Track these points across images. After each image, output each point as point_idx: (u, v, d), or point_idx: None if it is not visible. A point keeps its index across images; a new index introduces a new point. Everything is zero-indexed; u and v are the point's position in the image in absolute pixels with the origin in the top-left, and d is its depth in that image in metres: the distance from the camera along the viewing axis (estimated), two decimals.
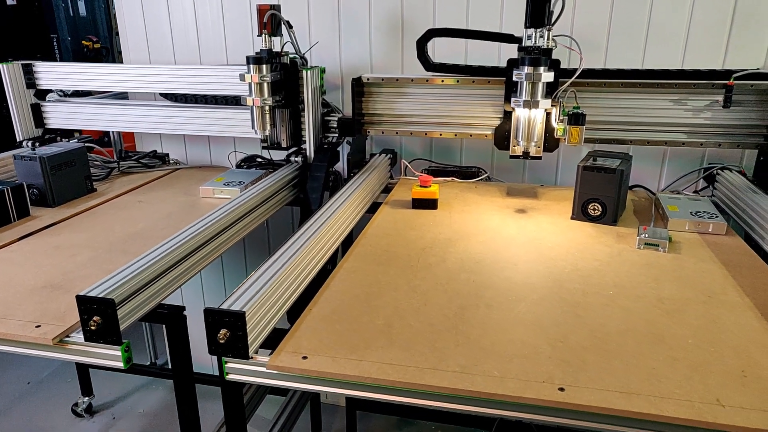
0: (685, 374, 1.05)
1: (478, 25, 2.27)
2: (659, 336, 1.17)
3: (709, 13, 2.08)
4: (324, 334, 1.18)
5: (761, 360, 1.09)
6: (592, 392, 1.00)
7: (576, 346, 1.14)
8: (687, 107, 1.94)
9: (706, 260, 1.54)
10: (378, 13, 2.38)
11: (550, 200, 2.05)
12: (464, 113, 2.14)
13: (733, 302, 1.31)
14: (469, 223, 1.83)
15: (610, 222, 1.80)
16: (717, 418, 0.93)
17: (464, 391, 1.02)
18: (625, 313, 1.27)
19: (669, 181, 2.28)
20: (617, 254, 1.59)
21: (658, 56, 2.17)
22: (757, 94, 1.88)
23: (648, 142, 2.00)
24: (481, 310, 1.28)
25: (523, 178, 2.47)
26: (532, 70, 1.73)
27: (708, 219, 1.73)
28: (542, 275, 1.46)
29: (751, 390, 1.00)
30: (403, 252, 1.60)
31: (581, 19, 2.20)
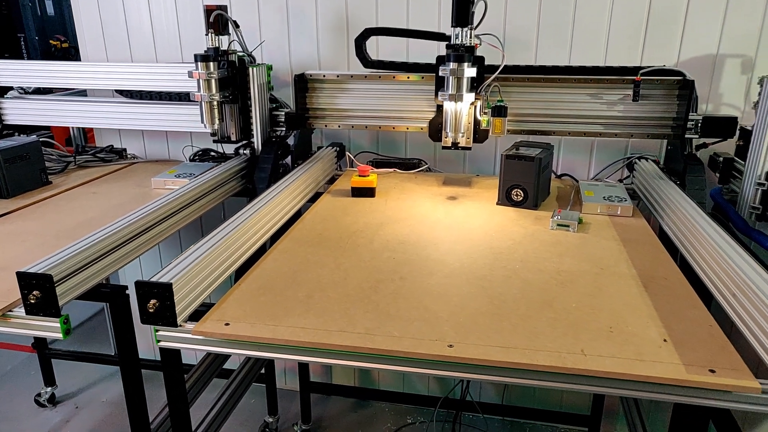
0: (561, 332, 1.19)
1: (417, 24, 2.41)
2: (548, 302, 1.32)
3: (627, 14, 2.24)
4: (248, 305, 1.31)
5: (629, 319, 1.24)
6: (477, 348, 1.14)
7: (473, 312, 1.28)
8: (602, 101, 2.10)
9: (609, 238, 1.69)
10: (324, 13, 2.50)
11: (482, 188, 2.19)
12: (402, 107, 2.27)
13: (621, 273, 1.46)
14: (402, 209, 1.96)
15: (532, 206, 1.95)
16: (576, 364, 1.08)
17: (365, 349, 1.15)
18: (524, 284, 1.41)
19: (597, 170, 2.44)
20: (531, 234, 1.73)
21: (582, 54, 2.33)
22: (663, 88, 2.05)
23: (569, 133, 2.16)
24: (395, 283, 1.41)
25: (464, 168, 2.61)
26: (456, 66, 1.87)
27: (617, 203, 1.89)
28: (458, 253, 1.59)
29: (612, 342, 1.15)
30: (335, 235, 1.73)
31: (513, 20, 2.35)
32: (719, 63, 2.21)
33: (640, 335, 1.18)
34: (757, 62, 2.18)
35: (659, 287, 1.38)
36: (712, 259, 1.39)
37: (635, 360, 1.09)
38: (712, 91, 2.25)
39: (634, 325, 1.22)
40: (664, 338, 1.16)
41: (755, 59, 2.18)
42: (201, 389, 1.97)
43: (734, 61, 2.20)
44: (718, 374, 1.04)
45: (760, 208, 1.86)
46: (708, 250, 1.42)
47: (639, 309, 1.28)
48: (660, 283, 1.41)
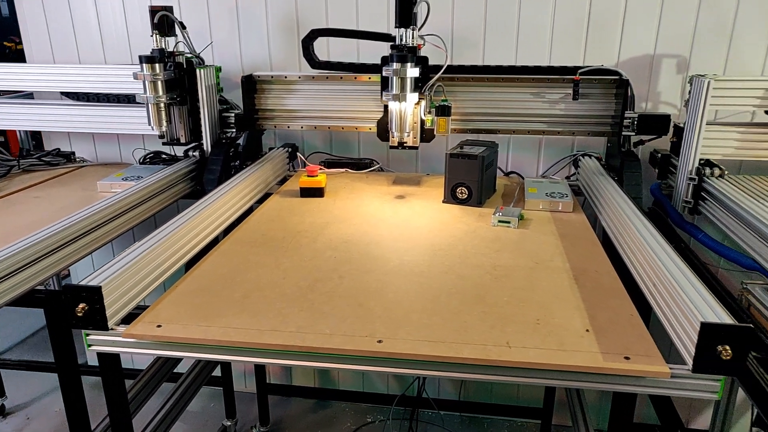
0: (490, 325, 1.22)
1: (368, 25, 2.43)
2: (481, 296, 1.35)
3: (569, 16, 2.30)
4: (183, 307, 1.30)
5: (556, 311, 1.27)
6: (406, 342, 1.16)
7: (406, 308, 1.30)
8: (545, 100, 2.15)
9: (548, 234, 1.74)
10: (274, 14, 2.50)
11: (430, 187, 2.22)
12: (351, 108, 2.29)
13: (555, 267, 1.50)
14: (350, 209, 1.98)
15: (476, 204, 1.98)
16: (501, 356, 1.11)
17: (295, 347, 1.16)
18: (460, 280, 1.44)
19: (545, 168, 2.50)
20: (472, 231, 1.77)
21: (528, 54, 2.38)
22: (601, 87, 2.11)
23: (513, 131, 2.21)
24: (333, 282, 1.43)
25: (416, 168, 2.64)
26: (399, 66, 1.90)
27: (559, 199, 1.93)
28: (399, 251, 1.62)
29: (538, 334, 1.18)
30: (279, 235, 1.74)
31: (460, 20, 2.39)
32: (656, 63, 2.29)
33: (564, 326, 1.21)
34: (692, 62, 2.26)
35: (589, 280, 1.43)
36: (638, 252, 1.44)
37: (557, 350, 1.12)
38: (651, 90, 2.33)
39: (561, 316, 1.25)
40: (586, 328, 1.20)
41: (689, 59, 2.26)
42: (150, 394, 1.96)
43: (670, 61, 2.27)
44: (632, 361, 1.08)
45: (691, 201, 1.93)
46: (636, 243, 1.47)
47: (567, 301, 1.32)
48: (590, 275, 1.45)
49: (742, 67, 2.24)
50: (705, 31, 2.22)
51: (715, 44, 2.23)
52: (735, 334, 1.02)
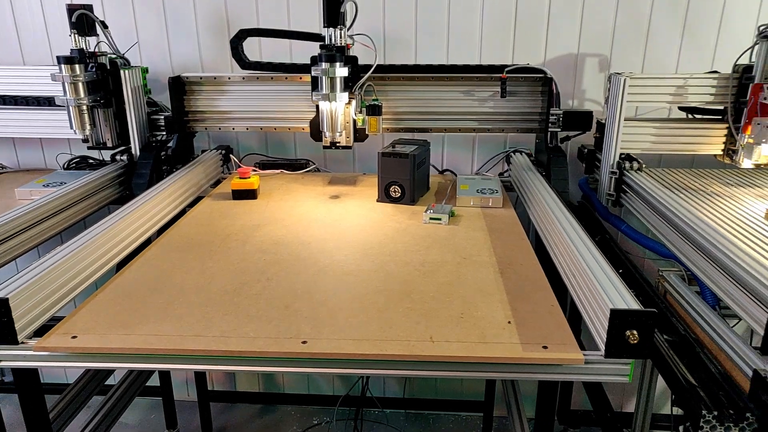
0: (415, 321, 1.23)
1: (300, 25, 2.41)
2: (407, 293, 1.36)
3: (497, 15, 2.35)
4: (102, 315, 1.26)
5: (480, 305, 1.30)
6: (330, 342, 1.16)
7: (333, 307, 1.30)
8: (474, 98, 2.19)
9: (477, 229, 1.77)
10: (203, 13, 2.46)
11: (366, 186, 2.23)
12: (284, 108, 2.27)
13: (481, 262, 1.53)
14: (283, 210, 1.96)
15: (409, 202, 2.00)
16: (424, 351, 1.12)
17: (219, 352, 1.14)
18: (388, 276, 1.45)
19: (479, 165, 2.54)
20: (404, 229, 1.78)
21: (459, 53, 2.42)
22: (528, 85, 2.17)
23: (445, 129, 2.24)
24: (261, 284, 1.41)
25: (353, 167, 2.64)
26: (328, 66, 1.89)
27: (489, 195, 1.98)
28: (330, 251, 1.61)
29: (461, 328, 1.20)
30: (208, 239, 1.70)
31: (392, 20, 2.40)
32: (580, 62, 2.37)
33: (487, 319, 1.24)
34: (612, 60, 2.35)
35: (514, 273, 1.46)
36: (561, 244, 1.48)
37: (479, 343, 1.15)
38: (577, 88, 2.41)
39: (484, 309, 1.28)
40: (508, 320, 1.23)
41: (610, 58, 2.35)
42: (78, 409, 1.88)
43: (593, 59, 2.36)
44: (549, 350, 1.12)
45: (614, 194, 2.01)
46: (558, 235, 1.51)
47: (491, 294, 1.35)
48: (516, 268, 1.49)
49: (659, 65, 2.34)
50: (623, 30, 2.32)
51: (633, 43, 2.33)
52: (641, 319, 1.07)
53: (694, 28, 2.29)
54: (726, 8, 2.26)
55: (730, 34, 2.27)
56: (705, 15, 2.28)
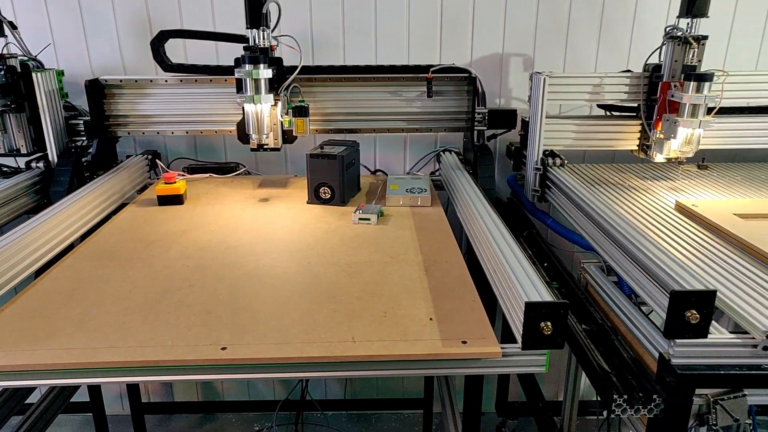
0: (338, 322, 1.23)
1: (225, 26, 2.36)
2: (333, 294, 1.36)
3: (422, 16, 2.38)
4: (8, 331, 1.20)
5: (404, 303, 1.31)
6: (251, 347, 1.14)
7: (256, 311, 1.28)
8: (402, 98, 2.21)
9: (405, 228, 1.79)
10: (123, 14, 2.37)
11: (297, 188, 2.21)
12: (210, 111, 2.23)
13: (408, 260, 1.55)
14: (210, 215, 1.92)
15: (340, 203, 2.00)
16: (345, 352, 1.12)
17: (134, 363, 1.11)
18: (314, 279, 1.44)
19: (412, 164, 2.57)
20: (333, 230, 1.78)
21: (388, 54, 2.43)
22: (454, 85, 2.21)
23: (374, 130, 2.25)
24: (183, 291, 1.38)
25: (286, 170, 2.62)
26: (251, 67, 1.87)
27: (418, 194, 2.00)
28: (257, 254, 1.59)
29: (383, 327, 1.21)
30: (130, 246, 1.65)
31: (318, 21, 2.39)
32: (505, 61, 2.43)
33: (410, 317, 1.25)
34: (536, 60, 2.42)
35: (439, 270, 1.48)
36: (483, 240, 1.52)
37: (400, 341, 1.16)
38: (503, 87, 2.47)
39: (407, 307, 1.29)
40: (430, 317, 1.25)
41: (534, 57, 2.42)
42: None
43: (517, 59, 2.43)
44: (469, 344, 1.14)
45: (539, 190, 2.07)
46: (481, 232, 1.54)
47: (415, 292, 1.36)
48: (440, 266, 1.51)
49: (579, 64, 2.43)
50: (544, 31, 2.39)
51: (554, 43, 2.41)
52: (554, 311, 1.10)
53: (610, 29, 2.39)
54: (638, 10, 2.36)
55: (643, 35, 2.38)
56: (619, 16, 2.38)
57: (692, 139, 1.90)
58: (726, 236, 1.56)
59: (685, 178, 2.15)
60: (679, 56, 1.90)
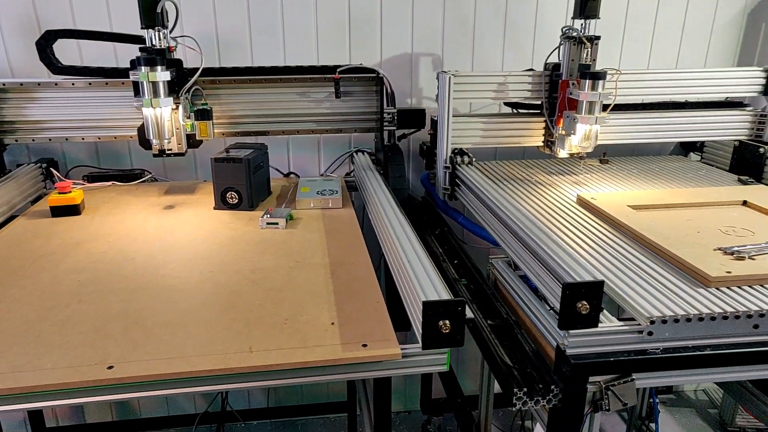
0: (237, 331, 1.19)
1: (122, 26, 2.25)
2: (234, 303, 1.31)
3: (330, 17, 2.36)
4: None
5: (307, 308, 1.28)
6: (140, 364, 1.08)
7: (150, 325, 1.21)
8: (310, 99, 2.18)
9: (314, 231, 1.76)
10: (7, 12, 2.21)
11: (205, 194, 2.13)
12: (108, 115, 2.12)
13: (315, 264, 1.52)
14: (109, 225, 1.82)
15: (248, 208, 1.94)
16: (241, 363, 1.08)
17: (6, 390, 1.02)
18: (216, 288, 1.39)
19: (326, 166, 2.54)
20: (239, 236, 1.72)
21: (297, 55, 2.39)
22: (363, 85, 2.20)
23: (283, 132, 2.21)
24: (71, 308, 1.29)
25: (196, 175, 2.52)
26: (148, 69, 1.78)
27: (329, 196, 1.97)
28: (155, 265, 1.51)
29: (283, 334, 1.18)
30: (16, 263, 1.53)
31: (223, 22, 2.32)
32: (415, 61, 2.44)
33: (311, 322, 1.22)
34: (444, 59, 2.45)
35: (345, 272, 1.47)
36: (388, 240, 1.51)
37: (299, 348, 1.13)
38: (414, 87, 2.48)
39: (310, 313, 1.26)
40: (332, 321, 1.23)
41: (442, 57, 2.45)
42: None
43: (426, 59, 2.45)
44: (369, 348, 1.13)
45: (449, 188, 2.09)
46: (387, 232, 1.54)
47: (319, 296, 1.34)
48: (347, 268, 1.49)
49: (486, 64, 2.48)
50: (452, 31, 2.42)
51: (461, 43, 2.45)
52: (452, 309, 1.10)
53: (513, 30, 2.46)
54: (539, 10, 2.44)
55: (545, 35, 2.46)
56: (522, 17, 2.45)
57: (591, 135, 1.98)
58: (620, 227, 1.63)
59: (587, 172, 2.24)
60: (575, 55, 1.97)
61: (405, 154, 2.56)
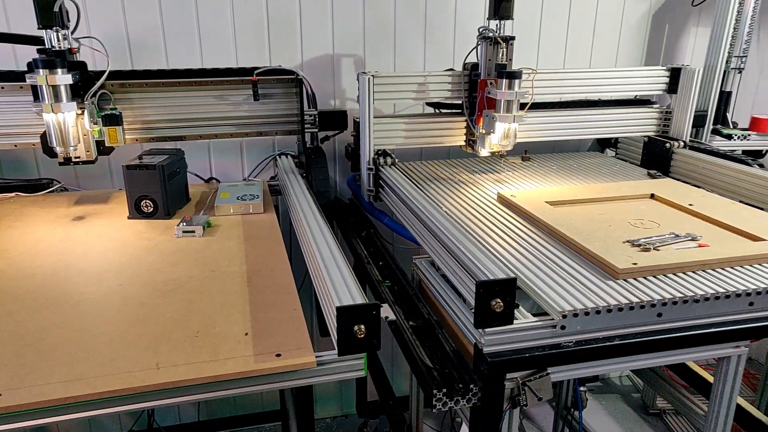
0: (144, 347, 1.13)
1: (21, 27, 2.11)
2: (143, 318, 1.25)
3: (248, 18, 2.30)
4: None
5: (220, 319, 1.24)
6: (33, 389, 1.00)
7: (47, 347, 1.13)
8: (228, 102, 2.12)
9: (233, 238, 1.70)
10: None
11: (119, 203, 2.02)
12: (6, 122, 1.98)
13: (231, 272, 1.47)
14: (9, 240, 1.69)
15: (164, 216, 1.86)
16: (145, 381, 1.03)
17: None
18: (123, 302, 1.32)
19: (250, 170, 2.47)
20: (154, 246, 1.65)
21: (215, 57, 2.32)
22: (282, 87, 2.15)
23: (201, 136, 2.13)
24: None
25: (112, 183, 2.40)
26: (46, 72, 1.68)
27: (249, 201, 1.92)
28: (58, 281, 1.42)
29: (194, 348, 1.13)
30: None
31: (134, 23, 2.22)
32: (337, 62, 2.42)
33: (224, 334, 1.18)
34: (366, 60, 2.44)
35: (262, 280, 1.42)
36: (306, 245, 1.48)
37: (209, 361, 1.08)
38: (337, 88, 2.46)
39: (223, 324, 1.22)
40: (246, 332, 1.18)
41: (364, 58, 2.44)
42: None
43: (348, 60, 2.43)
44: (283, 357, 1.10)
45: (373, 189, 2.08)
46: (306, 237, 1.51)
47: (234, 306, 1.29)
48: (265, 275, 1.45)
49: (409, 64, 2.49)
50: (373, 32, 2.42)
51: (383, 44, 2.44)
52: (366, 313, 1.09)
53: (433, 30, 2.48)
54: (458, 11, 2.47)
55: (465, 34, 2.48)
56: (441, 18, 2.47)
57: (510, 133, 2.01)
58: (538, 223, 1.67)
59: (509, 170, 2.28)
60: (491, 55, 2.00)
61: (332, 156, 2.54)
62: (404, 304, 1.57)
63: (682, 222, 1.65)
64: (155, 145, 2.14)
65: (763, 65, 2.97)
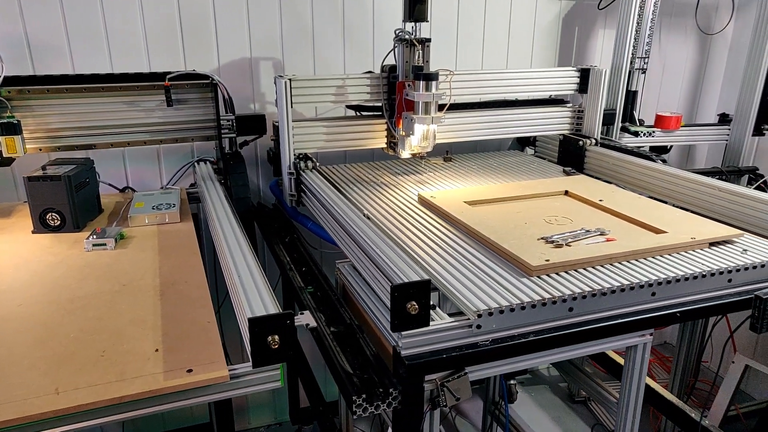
0: (43, 372, 1.06)
1: None
2: (44, 339, 1.18)
3: (160, 22, 2.22)
4: None
5: (129, 336, 1.18)
6: None
7: None
8: (141, 108, 2.04)
9: (147, 250, 1.64)
10: None
11: (23, 217, 1.91)
12: None
13: (142, 286, 1.41)
14: None
15: (73, 229, 1.77)
16: (43, 408, 0.97)
17: None
18: (23, 323, 1.24)
19: (169, 178, 2.39)
20: (61, 261, 1.56)
21: (126, 62, 2.22)
22: (197, 92, 2.09)
23: (112, 144, 2.04)
24: None
25: (17, 195, 2.26)
26: None
27: (165, 210, 1.85)
28: None
29: (98, 369, 1.07)
30: None
31: (34, 26, 2.09)
32: (255, 65, 2.38)
33: (133, 352, 1.13)
34: (285, 64, 2.41)
35: (176, 293, 1.37)
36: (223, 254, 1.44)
37: (115, 382, 1.03)
38: (256, 92, 2.41)
39: (132, 341, 1.17)
40: (156, 348, 1.14)
41: (283, 61, 2.41)
42: None
43: (267, 63, 2.39)
44: (194, 372, 1.06)
45: (295, 194, 2.05)
46: (221, 245, 1.47)
47: (144, 322, 1.24)
48: (178, 288, 1.40)
49: (329, 67, 2.48)
50: (291, 35, 2.39)
51: (301, 47, 2.42)
52: (279, 323, 1.07)
53: (352, 32, 2.47)
54: (375, 13, 2.48)
55: (383, 36, 2.49)
56: (359, 18, 2.47)
57: (429, 135, 2.04)
58: (456, 223, 1.69)
59: (431, 171, 2.31)
60: (408, 57, 2.01)
61: (254, 161, 2.49)
62: (327, 310, 1.56)
63: (593, 217, 1.72)
64: (62, 155, 2.03)
65: (665, 65, 3.15)
